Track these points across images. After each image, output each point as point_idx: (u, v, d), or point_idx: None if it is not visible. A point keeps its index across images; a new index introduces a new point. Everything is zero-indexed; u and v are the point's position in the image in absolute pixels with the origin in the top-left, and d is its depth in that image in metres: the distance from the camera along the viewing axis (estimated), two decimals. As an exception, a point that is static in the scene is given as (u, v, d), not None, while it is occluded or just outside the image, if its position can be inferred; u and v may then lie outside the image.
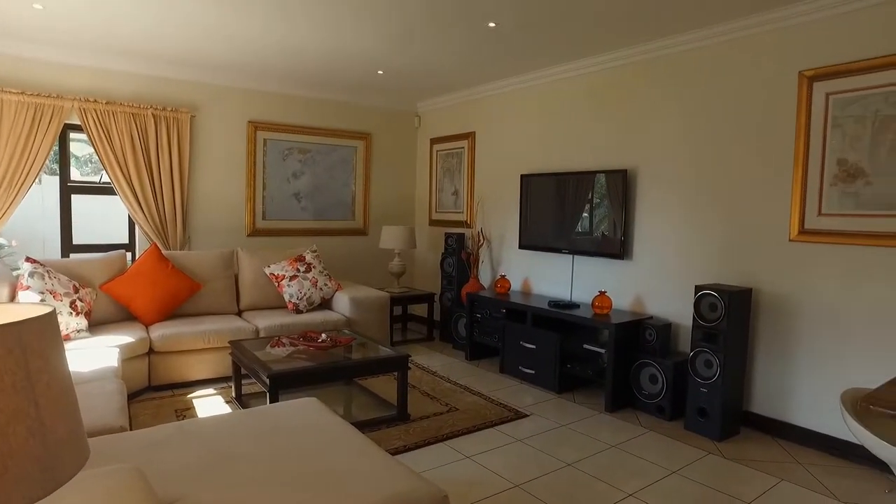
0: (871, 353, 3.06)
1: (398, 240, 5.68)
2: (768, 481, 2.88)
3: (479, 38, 4.01)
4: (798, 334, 3.37)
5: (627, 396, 3.91)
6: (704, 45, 3.75)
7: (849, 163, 3.13)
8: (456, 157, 5.97)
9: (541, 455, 3.11)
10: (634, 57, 4.16)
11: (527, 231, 4.95)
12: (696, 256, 3.86)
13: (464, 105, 5.84)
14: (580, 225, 4.54)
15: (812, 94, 3.25)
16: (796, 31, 3.32)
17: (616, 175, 4.22)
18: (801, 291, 3.35)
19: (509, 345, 4.60)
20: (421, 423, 3.51)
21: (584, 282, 4.61)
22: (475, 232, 5.65)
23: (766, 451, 3.26)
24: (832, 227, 3.20)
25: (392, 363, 3.58)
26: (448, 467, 2.93)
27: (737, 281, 3.64)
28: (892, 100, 2.97)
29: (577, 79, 4.63)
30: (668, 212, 4.02)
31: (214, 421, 2.31)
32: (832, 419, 3.22)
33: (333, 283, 4.93)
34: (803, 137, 3.29)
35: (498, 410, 3.77)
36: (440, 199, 6.23)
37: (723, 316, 3.35)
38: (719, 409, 3.38)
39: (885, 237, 3.00)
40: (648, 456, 3.14)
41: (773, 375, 3.49)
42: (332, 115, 5.89)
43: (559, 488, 2.74)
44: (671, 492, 2.74)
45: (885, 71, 2.98)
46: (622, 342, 3.87)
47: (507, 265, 5.35)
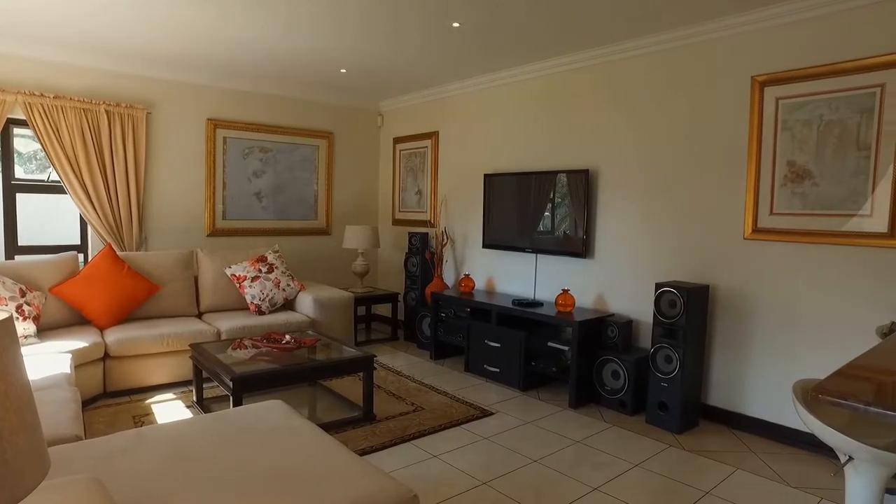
0: (820, 345, 3.21)
1: (361, 239, 5.64)
2: (725, 470, 2.98)
3: (443, 38, 4.02)
4: (752, 329, 3.50)
5: (591, 392, 3.98)
6: (664, 49, 3.85)
7: (797, 164, 3.27)
8: (419, 157, 5.97)
9: (507, 452, 3.14)
10: (596, 59, 4.24)
11: (490, 230, 4.99)
12: (656, 254, 3.96)
13: (427, 105, 5.83)
14: (543, 224, 4.60)
15: (763, 99, 3.38)
16: (749, 37, 3.45)
17: (578, 175, 4.29)
18: (754, 287, 3.48)
19: (474, 343, 4.62)
20: (387, 424, 3.49)
21: (548, 280, 4.68)
22: (439, 231, 5.66)
23: (722, 441, 3.37)
24: (783, 225, 3.34)
25: (357, 364, 3.56)
26: (416, 467, 2.93)
27: (695, 278, 3.75)
28: (834, 105, 3.11)
29: (540, 80, 4.69)
30: (629, 211, 4.11)
31: (176, 426, 2.25)
32: (784, 409, 3.35)
33: (296, 283, 4.86)
34: (756, 139, 3.42)
35: (464, 409, 3.79)
36: (403, 199, 6.21)
37: (682, 312, 3.45)
38: (679, 403, 3.48)
39: (830, 235, 3.15)
40: (612, 450, 3.21)
41: (729, 369, 3.62)
42: (294, 114, 5.81)
43: (526, 484, 2.78)
44: (634, 484, 2.81)
45: (828, 78, 3.13)
46: (585, 339, 3.94)
47: (471, 264, 5.38)
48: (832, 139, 3.14)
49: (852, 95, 3.06)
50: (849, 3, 3.04)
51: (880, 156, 2.98)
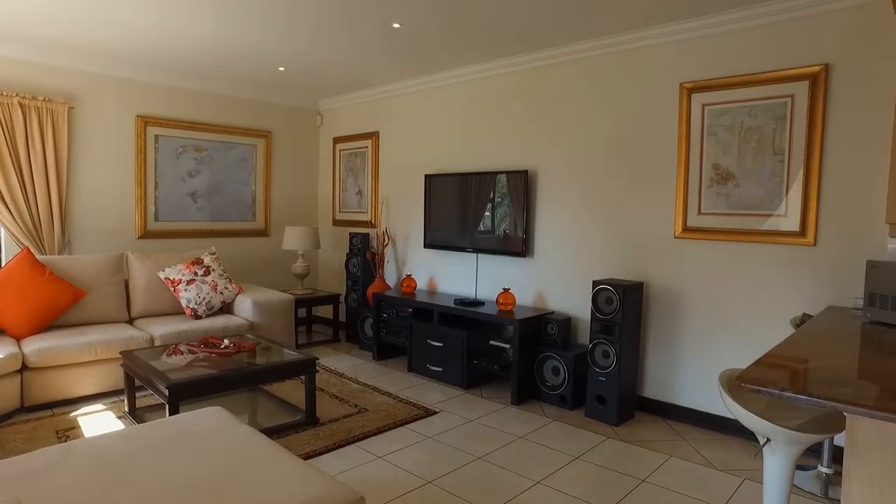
0: (743, 336, 3.42)
1: (301, 240, 5.55)
2: (659, 459, 3.13)
3: (384, 39, 4.02)
4: (683, 323, 3.68)
5: (532, 389, 4.08)
6: (599, 55, 3.99)
7: (722, 167, 3.47)
8: (360, 157, 5.93)
9: (451, 450, 3.17)
10: (534, 63, 4.34)
11: (432, 230, 5.02)
12: (594, 253, 4.10)
13: (368, 104, 5.80)
14: (483, 224, 4.66)
15: (691, 105, 3.57)
16: (678, 46, 3.63)
17: (517, 176, 4.38)
18: (684, 284, 3.67)
19: (417, 343, 4.64)
20: (331, 427, 3.46)
21: (489, 279, 4.75)
22: (380, 232, 5.64)
23: (657, 431, 3.53)
24: (710, 224, 3.53)
25: (299, 367, 3.50)
26: (361, 469, 2.92)
27: (630, 276, 3.91)
28: (753, 113, 3.33)
29: (481, 81, 4.76)
30: (567, 211, 4.23)
31: (107, 439, 2.15)
32: (711, 398, 3.55)
33: (234, 286, 4.73)
34: (684, 143, 3.60)
35: (408, 409, 3.80)
36: (344, 199, 6.15)
37: (618, 309, 3.59)
38: (616, 396, 3.62)
39: (751, 233, 3.36)
40: (553, 444, 3.30)
41: (662, 362, 3.79)
42: (231, 112, 5.64)
43: (471, 481, 2.82)
44: (575, 476, 2.91)
45: (747, 88, 3.34)
46: (526, 337, 4.03)
47: (413, 264, 5.39)
48: (752, 144, 3.35)
49: (768, 104, 3.27)
50: (764, 20, 3.26)
51: (793, 160, 3.20)
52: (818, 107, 3.10)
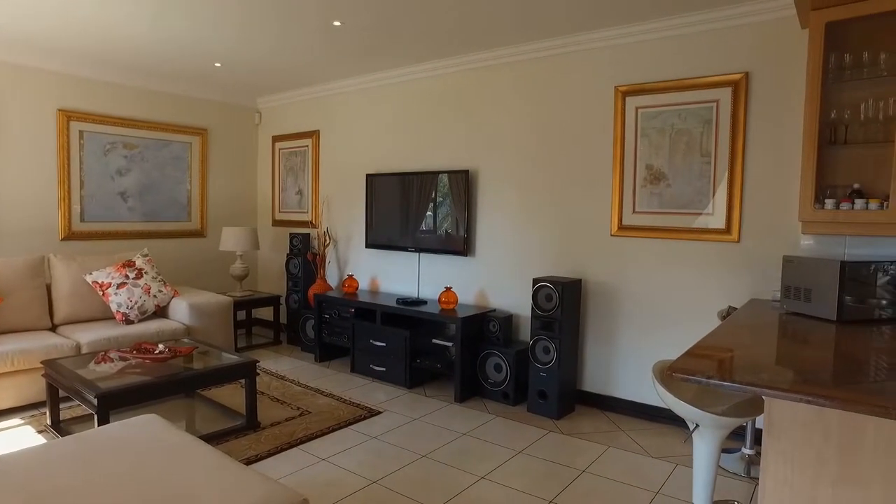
0: (676, 329, 3.59)
1: (240, 241, 5.40)
2: (598, 449, 3.24)
3: (324, 36, 3.97)
4: (619, 317, 3.82)
5: (475, 386, 4.13)
6: (540, 56, 4.08)
7: (654, 167, 3.63)
8: (300, 156, 5.82)
9: (396, 449, 3.17)
10: (475, 63, 4.39)
11: (373, 230, 5.00)
12: (533, 251, 4.20)
13: (308, 103, 5.71)
14: (425, 223, 4.68)
15: (625, 107, 3.71)
16: (613, 51, 3.76)
17: (459, 175, 4.42)
18: (620, 280, 3.81)
19: (359, 344, 4.61)
20: (272, 430, 3.39)
21: (431, 278, 4.78)
22: (321, 232, 5.57)
23: (596, 423, 3.65)
24: (644, 223, 3.68)
25: (238, 370, 3.41)
26: (305, 472, 2.87)
27: (569, 273, 4.02)
28: (682, 116, 3.50)
29: (423, 81, 4.77)
30: (508, 210, 4.31)
31: (28, 455, 2.02)
32: (646, 389, 3.71)
33: (169, 289, 4.55)
34: (619, 144, 3.74)
35: (351, 410, 3.77)
36: (284, 199, 6.03)
37: (557, 305, 3.68)
38: (557, 391, 3.72)
39: (681, 231, 3.53)
40: (496, 440, 3.36)
41: (600, 356, 3.92)
42: (164, 108, 5.41)
43: (416, 480, 2.83)
44: (518, 470, 2.97)
45: (676, 92, 3.51)
46: (468, 335, 4.08)
47: (355, 265, 5.35)
48: (681, 146, 3.52)
49: (696, 108, 3.45)
50: (691, 29, 3.43)
51: (718, 162, 3.39)
52: (740, 112, 3.29)
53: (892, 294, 2.58)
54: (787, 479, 1.56)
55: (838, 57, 2.84)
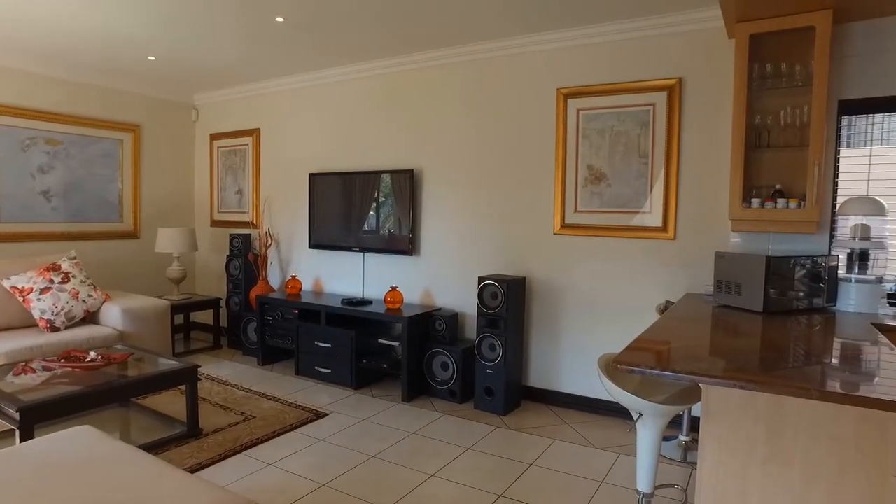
0: (618, 323, 3.72)
1: (176, 242, 5.20)
2: (545, 443, 3.32)
3: (266, 32, 3.88)
4: (562, 313, 3.93)
5: (422, 385, 4.14)
6: (485, 58, 4.14)
7: (595, 167, 3.75)
8: (240, 155, 5.66)
9: (344, 451, 3.15)
10: (420, 63, 4.41)
11: (317, 230, 4.92)
12: (478, 250, 4.25)
13: (248, 100, 5.56)
14: (369, 223, 4.66)
15: (567, 109, 3.81)
16: (555, 54, 3.86)
17: (403, 175, 4.42)
18: (563, 277, 3.91)
19: (304, 346, 4.53)
20: (216, 437, 3.28)
21: (376, 278, 4.75)
22: (262, 232, 5.44)
23: (542, 418, 3.74)
24: (585, 221, 3.80)
25: (179, 376, 3.29)
26: (252, 477, 2.80)
27: (513, 271, 4.10)
28: (621, 118, 3.63)
29: (368, 80, 4.74)
30: (453, 210, 4.35)
31: (-51, 469, 1.88)
32: (590, 383, 3.83)
33: (100, 293, 4.32)
34: (562, 145, 3.84)
35: (297, 413, 3.71)
36: (223, 199, 5.84)
37: (503, 303, 3.75)
38: (503, 387, 3.78)
39: (621, 229, 3.67)
40: (445, 437, 3.39)
41: (545, 352, 4.02)
42: (91, 102, 5.14)
43: (365, 480, 2.81)
44: (468, 466, 3.00)
45: (615, 95, 3.64)
46: (414, 334, 4.08)
47: (298, 265, 5.26)
48: (620, 147, 3.65)
49: (634, 111, 3.59)
50: (629, 35, 3.57)
51: (655, 162, 3.54)
52: (674, 115, 3.46)
53: (807, 286, 2.78)
54: (722, 460, 1.66)
55: (761, 67, 3.03)
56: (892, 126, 3.04)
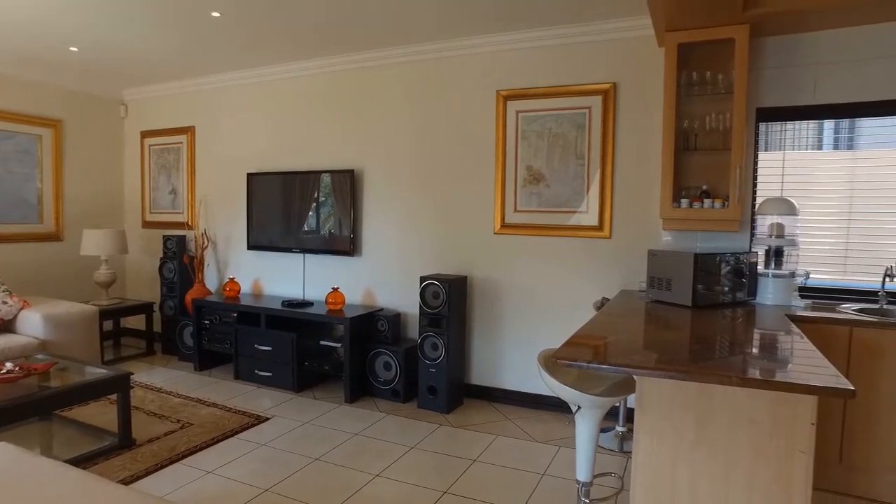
0: (557, 320, 3.83)
1: (105, 245, 4.95)
2: (488, 439, 3.38)
3: (202, 27, 3.76)
4: (503, 312, 4.01)
5: (365, 385, 4.12)
6: (426, 59, 4.16)
7: (534, 168, 3.85)
8: (173, 153, 5.45)
9: (287, 455, 3.10)
10: (362, 63, 4.38)
11: (255, 231, 4.81)
12: (420, 250, 4.27)
13: (182, 96, 5.36)
14: (309, 224, 4.59)
15: (507, 111, 3.89)
16: (495, 56, 3.93)
17: (344, 175, 4.39)
18: (504, 276, 3.99)
19: (243, 349, 4.42)
20: (150, 447, 3.16)
21: (317, 279, 4.70)
22: (198, 233, 5.26)
23: (484, 414, 3.80)
24: (525, 221, 3.89)
25: (108, 385, 3.14)
26: (190, 486, 2.71)
27: (455, 270, 4.15)
28: (559, 121, 3.75)
29: (308, 79, 4.67)
30: (395, 210, 4.35)
31: None
32: (530, 379, 3.92)
33: (16, 300, 4.06)
34: (501, 146, 3.92)
35: (237, 418, 3.62)
36: (155, 199, 5.61)
37: (445, 302, 3.79)
38: (446, 386, 3.82)
39: (559, 228, 3.78)
40: (389, 437, 3.39)
41: (486, 349, 4.09)
42: (5, 94, 4.81)
43: (310, 483, 2.78)
44: (412, 465, 3.02)
45: (553, 98, 3.75)
46: (357, 335, 4.06)
47: (236, 267, 5.12)
48: (558, 148, 3.77)
49: (571, 114, 3.71)
50: (566, 40, 3.68)
51: (591, 164, 3.67)
52: (609, 119, 3.59)
53: (731, 282, 2.96)
54: (655, 447, 1.75)
55: (688, 74, 3.20)
56: (801, 133, 3.29)
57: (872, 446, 2.70)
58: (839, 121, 3.22)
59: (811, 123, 3.27)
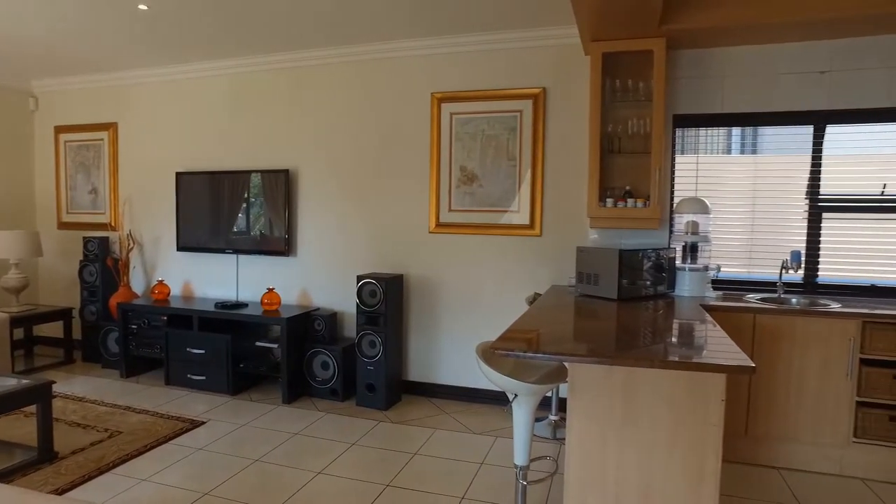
0: (491, 315, 3.97)
1: (14, 247, 4.65)
2: (426, 433, 3.47)
3: (127, 19, 3.62)
4: (439, 309, 4.10)
5: (303, 386, 4.11)
6: (362, 60, 4.18)
7: (468, 169, 3.96)
8: (94, 150, 5.19)
9: (225, 458, 3.05)
10: (298, 62, 4.35)
11: (185, 232, 4.67)
12: (357, 249, 4.30)
13: (103, 91, 5.10)
14: (243, 224, 4.51)
15: (441, 113, 3.99)
16: (429, 59, 4.02)
17: (278, 174, 4.35)
18: (439, 273, 4.09)
19: (174, 353, 4.29)
20: (75, 459, 3.02)
21: (251, 280, 4.62)
22: (123, 235, 5.04)
23: (423, 409, 3.88)
24: (459, 220, 4.00)
25: (24, 396, 2.96)
26: (123, 496, 2.63)
27: (391, 269, 4.20)
28: (491, 123, 3.88)
29: (240, 76, 4.58)
30: (331, 210, 4.35)
31: None
32: (467, 373, 4.04)
33: (-82, 307, 3.76)
34: (436, 147, 4.01)
35: (170, 424, 3.52)
36: (73, 198, 5.32)
37: (382, 300, 3.84)
38: (384, 383, 3.87)
39: (492, 227, 3.92)
40: (329, 435, 3.41)
41: (423, 346, 4.17)
42: None
43: (250, 485, 2.76)
44: (354, 461, 3.06)
45: (486, 101, 3.88)
46: (294, 335, 4.04)
47: (166, 269, 4.95)
48: (491, 150, 3.90)
49: (503, 117, 3.85)
50: (499, 45, 3.82)
51: (523, 165, 3.83)
52: (539, 122, 3.76)
53: (652, 276, 3.19)
54: (586, 427, 1.89)
55: (612, 81, 3.41)
56: (711, 138, 3.59)
57: (772, 419, 2.99)
58: (744, 128, 3.54)
59: (721, 130, 3.57)
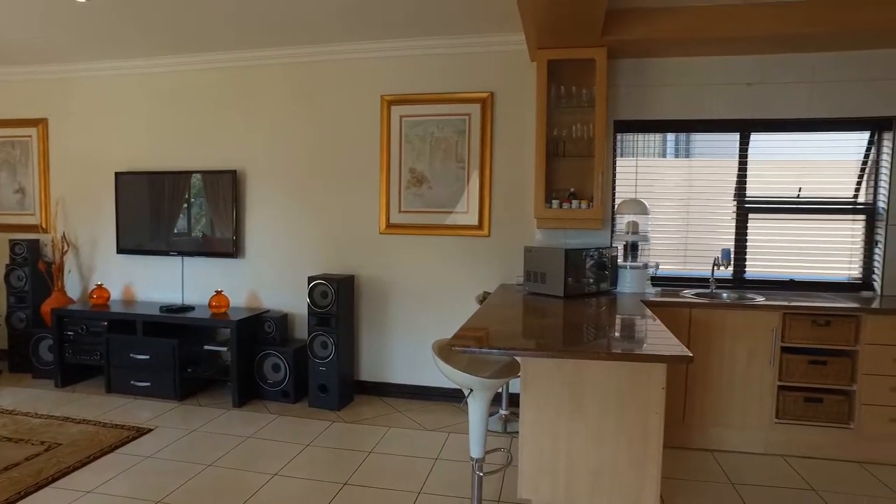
0: (443, 314, 4.05)
1: (-63, 251, 4.37)
2: (381, 431, 3.51)
3: (63, 10, 3.47)
4: (390, 309, 4.15)
5: (253, 388, 4.06)
6: (312, 60, 4.16)
7: (417, 171, 4.03)
8: (20, 147, 4.93)
9: (176, 465, 3.00)
10: (246, 61, 4.28)
11: (126, 234, 4.52)
12: (307, 250, 4.29)
13: (31, 84, 4.85)
14: (188, 225, 4.41)
15: (391, 115, 4.03)
16: (379, 62, 4.05)
17: (226, 175, 4.28)
18: (390, 273, 4.13)
19: (116, 360, 4.15)
20: (9, 475, 2.88)
21: (198, 283, 4.52)
22: (56, 237, 4.81)
23: (376, 409, 3.92)
24: (409, 221, 4.06)
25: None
26: (67, 507, 2.55)
27: (342, 270, 4.22)
28: (440, 126, 3.96)
29: (185, 74, 4.46)
30: (279, 211, 4.32)
31: None
32: (420, 372, 4.11)
33: None
34: (386, 149, 4.05)
35: (115, 433, 3.41)
36: (-2, 199, 5.04)
37: (333, 301, 3.85)
38: (337, 383, 3.88)
39: (442, 227, 4.00)
40: (282, 437, 3.40)
41: (375, 346, 4.20)
42: None
43: (205, 490, 2.73)
44: (309, 462, 3.07)
45: (435, 104, 3.96)
46: (243, 338, 3.99)
47: (105, 273, 4.76)
48: (440, 152, 3.98)
49: (452, 120, 3.94)
50: (449, 50, 3.90)
51: (471, 167, 3.93)
52: (487, 125, 3.87)
53: (595, 274, 3.35)
54: (538, 418, 2.00)
55: (557, 88, 3.56)
56: (649, 143, 3.80)
57: (706, 406, 3.21)
58: (679, 134, 3.77)
59: (658, 135, 3.78)
